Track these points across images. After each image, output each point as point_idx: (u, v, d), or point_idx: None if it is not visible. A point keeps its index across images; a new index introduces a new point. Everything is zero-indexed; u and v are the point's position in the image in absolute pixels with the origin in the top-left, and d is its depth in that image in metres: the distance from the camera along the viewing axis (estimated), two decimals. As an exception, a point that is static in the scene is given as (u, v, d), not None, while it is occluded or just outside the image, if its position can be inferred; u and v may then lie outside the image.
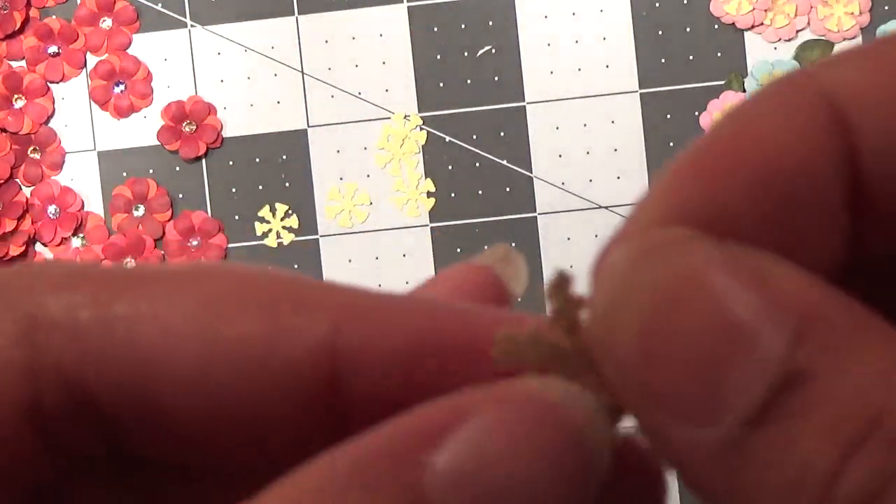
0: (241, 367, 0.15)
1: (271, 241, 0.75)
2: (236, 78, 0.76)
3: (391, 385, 0.15)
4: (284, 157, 0.75)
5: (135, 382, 0.15)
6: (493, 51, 0.75)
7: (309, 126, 0.75)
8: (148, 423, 0.15)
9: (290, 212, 0.75)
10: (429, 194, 0.75)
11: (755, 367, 0.13)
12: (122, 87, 0.76)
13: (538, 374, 0.14)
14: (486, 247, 0.74)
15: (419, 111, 0.75)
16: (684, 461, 0.13)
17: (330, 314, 0.15)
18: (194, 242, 0.75)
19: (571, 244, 0.74)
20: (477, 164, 0.75)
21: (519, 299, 0.18)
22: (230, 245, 0.76)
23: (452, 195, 0.75)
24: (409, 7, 0.75)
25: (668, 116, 0.74)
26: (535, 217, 0.74)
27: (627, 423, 0.15)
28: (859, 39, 0.73)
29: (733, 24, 0.74)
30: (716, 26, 0.74)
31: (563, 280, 0.15)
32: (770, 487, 0.13)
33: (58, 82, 0.76)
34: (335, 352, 0.15)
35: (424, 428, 0.13)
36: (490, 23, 0.75)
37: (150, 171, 0.76)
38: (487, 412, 0.13)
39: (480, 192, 0.75)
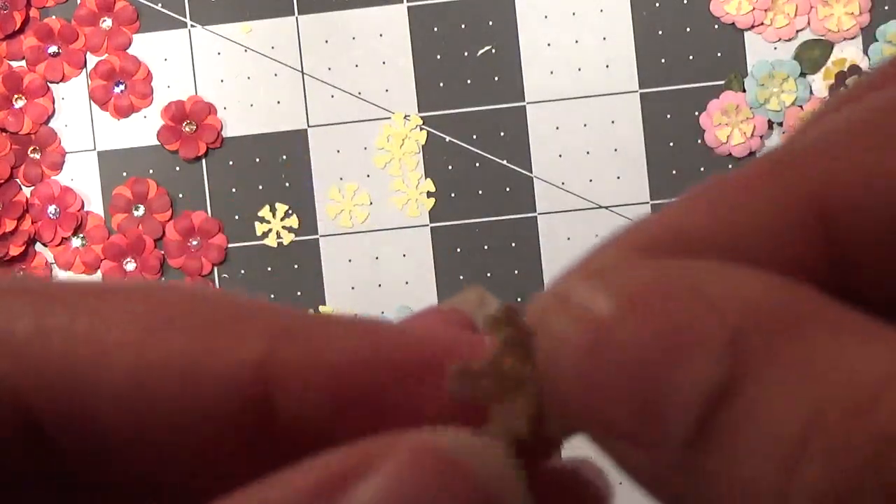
0: (171, 386, 0.15)
1: (271, 241, 0.75)
2: (236, 78, 0.76)
3: (324, 409, 0.15)
4: (284, 157, 0.75)
5: (69, 396, 0.15)
6: (493, 51, 0.75)
7: (309, 126, 0.75)
8: (81, 437, 0.15)
9: (290, 212, 0.75)
10: (429, 194, 0.75)
11: (688, 384, 0.12)
12: (122, 87, 0.76)
13: (493, 404, 0.14)
14: (485, 247, 0.74)
15: (419, 111, 0.75)
16: (637, 479, 0.13)
17: (264, 336, 0.15)
18: (194, 242, 0.75)
19: (571, 244, 0.74)
20: (477, 164, 0.75)
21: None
22: (230, 245, 0.76)
23: (452, 195, 0.75)
24: (409, 7, 0.75)
25: (668, 116, 0.74)
26: (535, 217, 0.74)
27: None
28: (859, 39, 0.73)
29: (733, 24, 0.74)
30: (716, 26, 0.74)
31: (510, 313, 0.15)
32: None
33: (58, 82, 0.76)
34: (268, 375, 0.15)
35: (330, 476, 0.13)
36: (490, 23, 0.75)
37: (150, 171, 0.76)
38: (394, 463, 0.13)
39: (480, 192, 0.75)
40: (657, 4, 0.74)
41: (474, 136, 0.75)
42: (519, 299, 0.74)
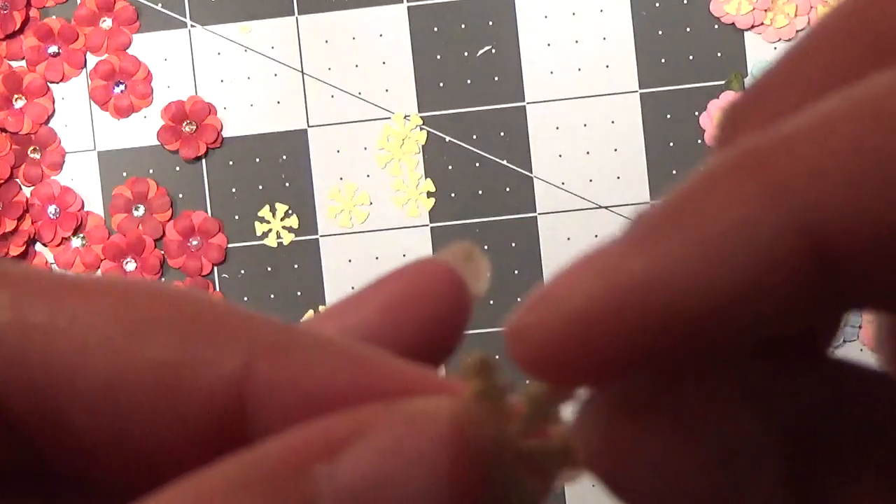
0: (148, 392, 0.14)
1: (271, 241, 0.75)
2: (236, 78, 0.76)
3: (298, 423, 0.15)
4: (284, 157, 0.75)
5: (45, 392, 0.15)
6: (493, 51, 0.75)
7: (309, 126, 0.75)
8: (53, 434, 0.15)
9: (290, 212, 0.75)
10: (429, 194, 0.75)
11: None
12: (122, 87, 0.76)
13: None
14: (485, 247, 0.74)
15: (419, 111, 0.75)
16: None
17: (244, 348, 0.15)
18: (194, 242, 0.75)
19: (571, 244, 0.74)
20: (477, 164, 0.75)
21: (481, 298, 0.18)
22: (230, 245, 0.76)
23: (452, 195, 0.75)
24: (409, 7, 0.75)
25: (668, 116, 0.74)
26: (535, 217, 0.74)
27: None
28: (859, 39, 0.73)
29: (733, 24, 0.74)
30: (716, 26, 0.74)
31: (485, 366, 0.14)
32: None
33: (58, 82, 0.76)
34: (245, 387, 0.15)
35: (322, 439, 0.13)
36: (490, 23, 0.75)
37: (150, 171, 0.76)
38: (387, 428, 0.13)
39: (480, 192, 0.75)
40: (657, 4, 0.74)
41: (474, 136, 0.75)
42: (519, 299, 0.74)
